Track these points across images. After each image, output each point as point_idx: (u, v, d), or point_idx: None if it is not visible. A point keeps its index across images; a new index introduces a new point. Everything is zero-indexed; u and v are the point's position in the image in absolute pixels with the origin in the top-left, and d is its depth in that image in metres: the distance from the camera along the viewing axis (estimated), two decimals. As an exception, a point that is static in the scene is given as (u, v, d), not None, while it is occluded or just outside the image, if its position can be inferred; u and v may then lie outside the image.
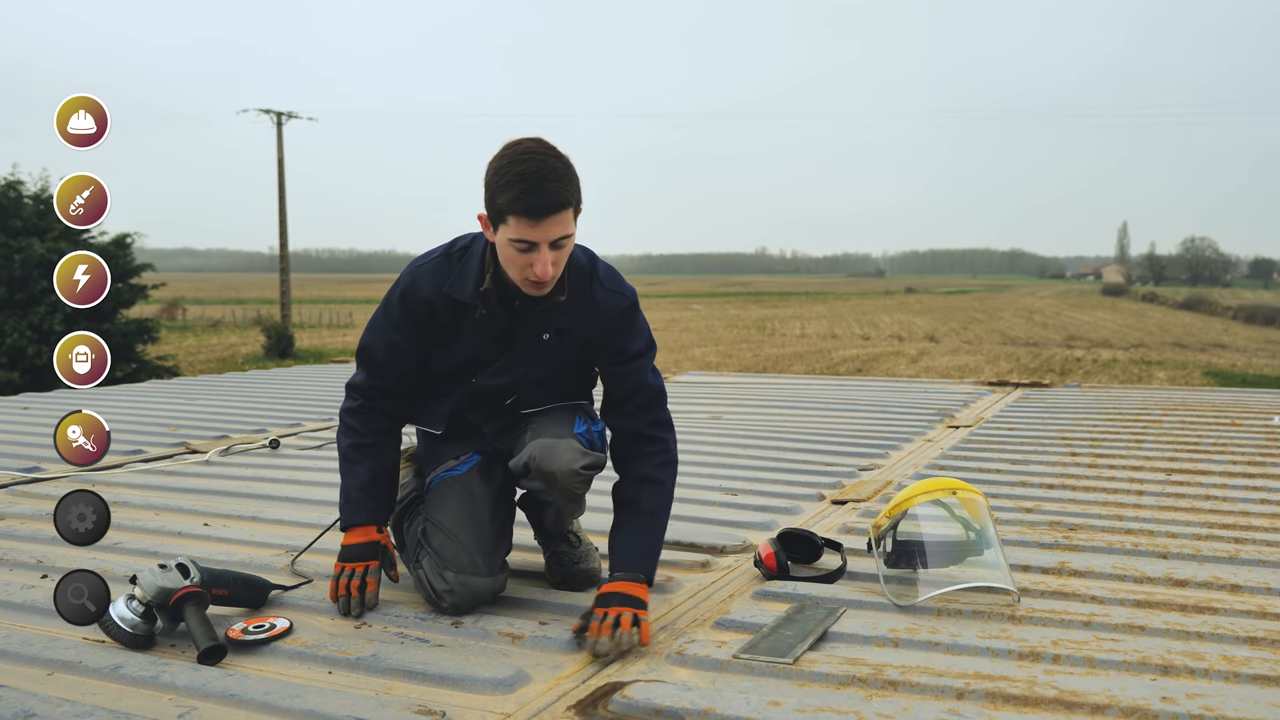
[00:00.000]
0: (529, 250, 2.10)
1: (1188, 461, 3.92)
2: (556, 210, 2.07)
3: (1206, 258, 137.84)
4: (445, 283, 2.27)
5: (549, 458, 2.25)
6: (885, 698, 1.83)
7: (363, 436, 2.40)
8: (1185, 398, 5.96)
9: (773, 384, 7.04)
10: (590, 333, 2.31)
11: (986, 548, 2.34)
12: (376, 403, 2.40)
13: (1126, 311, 59.22)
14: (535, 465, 2.26)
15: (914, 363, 29.29)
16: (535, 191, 2.04)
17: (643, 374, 2.36)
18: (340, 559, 2.31)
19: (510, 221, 2.08)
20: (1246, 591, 2.39)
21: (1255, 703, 1.77)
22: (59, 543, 2.08)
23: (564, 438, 2.28)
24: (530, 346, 2.31)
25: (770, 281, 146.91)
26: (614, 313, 2.31)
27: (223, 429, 4.80)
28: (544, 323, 2.28)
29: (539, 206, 2.05)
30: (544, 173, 2.06)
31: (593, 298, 2.28)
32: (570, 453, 2.25)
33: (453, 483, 2.35)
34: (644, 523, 2.30)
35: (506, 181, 2.06)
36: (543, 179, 2.05)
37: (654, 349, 2.39)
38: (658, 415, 2.37)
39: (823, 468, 3.88)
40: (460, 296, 2.26)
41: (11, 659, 2.02)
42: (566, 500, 2.35)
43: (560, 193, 2.07)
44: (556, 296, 2.24)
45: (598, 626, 2.07)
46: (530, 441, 2.30)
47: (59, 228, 19.16)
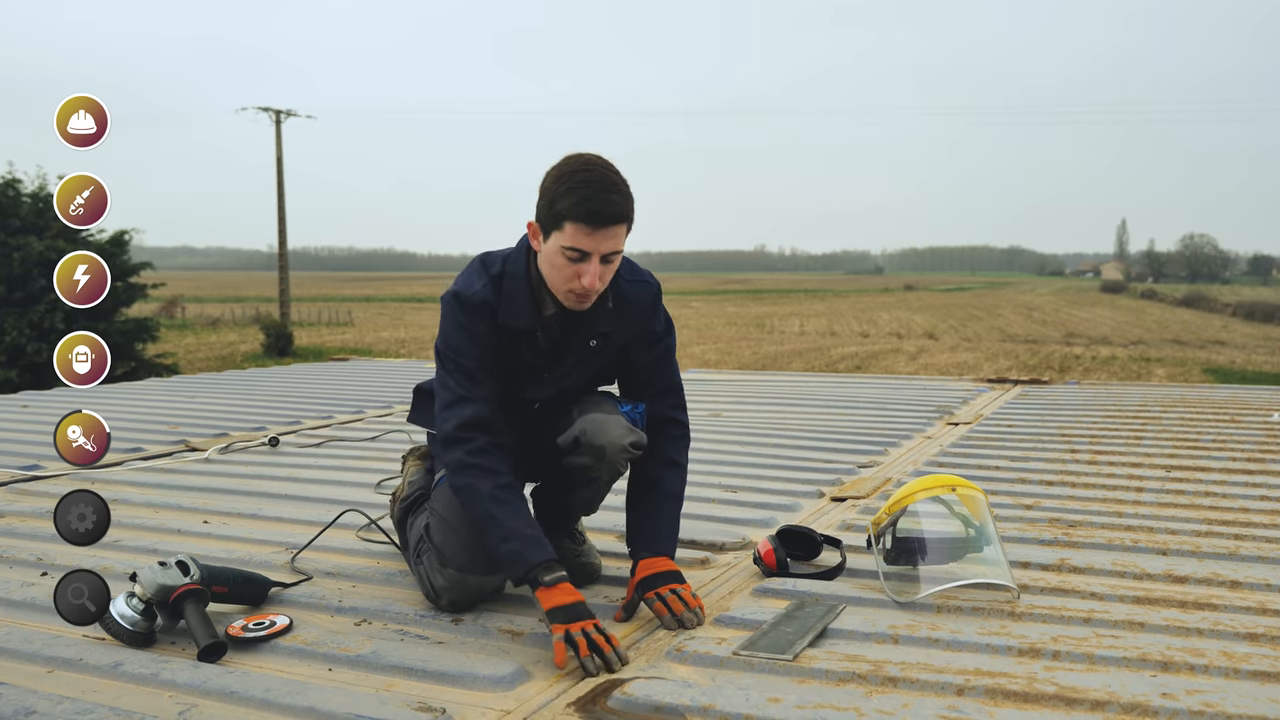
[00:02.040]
0: (580, 260, 2.11)
1: (1187, 458, 3.92)
2: (615, 222, 2.10)
3: (1205, 254, 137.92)
4: (498, 313, 2.23)
5: (600, 432, 2.26)
6: (885, 694, 1.83)
7: (503, 475, 2.17)
8: (1184, 394, 5.97)
9: (772, 381, 7.04)
10: (629, 332, 2.36)
11: (986, 544, 2.35)
12: (494, 432, 2.22)
13: (1125, 308, 59.25)
14: (586, 440, 2.27)
15: (913, 360, 29.29)
16: (597, 199, 2.07)
17: (667, 357, 2.44)
18: (557, 620, 2.01)
19: (567, 228, 2.09)
20: (1246, 588, 2.39)
21: (1255, 699, 1.77)
22: (59, 541, 2.09)
23: (613, 414, 2.31)
24: (579, 356, 2.34)
25: (769, 279, 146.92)
26: (645, 304, 2.36)
27: (222, 427, 4.80)
28: (590, 331, 2.31)
29: (599, 215, 2.07)
30: (607, 184, 2.09)
31: (623, 295, 2.32)
32: (620, 429, 2.28)
33: None
34: (670, 504, 2.38)
35: (569, 188, 2.08)
36: (605, 189, 2.09)
37: (673, 330, 2.46)
38: (679, 399, 2.45)
39: (822, 465, 3.88)
40: (515, 325, 2.23)
41: (12, 656, 2.02)
42: (609, 478, 2.37)
43: (620, 205, 2.10)
44: (604, 304, 2.28)
45: (664, 607, 2.18)
46: (579, 418, 2.31)
47: (57, 226, 19.16)
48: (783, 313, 55.26)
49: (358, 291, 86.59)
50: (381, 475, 3.63)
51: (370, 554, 2.69)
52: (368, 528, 2.84)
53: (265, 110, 34.21)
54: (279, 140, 34.33)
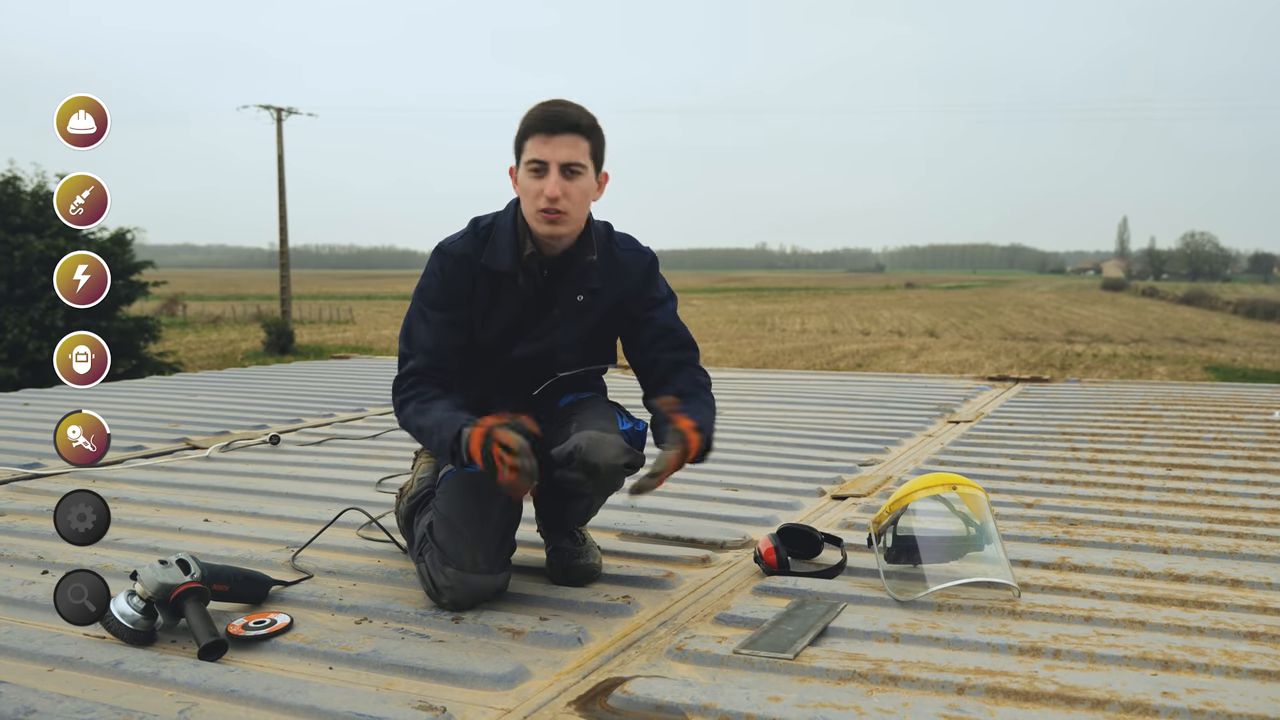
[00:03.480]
0: (542, 172, 2.24)
1: (1188, 456, 3.92)
2: (569, 129, 2.24)
3: (1206, 253, 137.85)
4: (479, 256, 2.34)
5: (595, 450, 2.25)
6: (886, 693, 1.83)
7: (427, 393, 2.33)
8: (1185, 393, 5.96)
9: (773, 379, 7.04)
10: (618, 290, 2.42)
11: (987, 543, 2.34)
12: (429, 376, 2.36)
13: (1126, 306, 59.21)
14: (580, 456, 2.26)
15: (914, 358, 29.29)
16: (551, 110, 2.26)
17: (671, 317, 2.49)
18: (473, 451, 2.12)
19: (527, 145, 2.25)
20: (1247, 586, 2.39)
21: (1256, 698, 1.77)
22: (59, 539, 2.08)
23: (610, 432, 2.30)
24: (565, 310, 2.38)
25: (770, 277, 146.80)
26: (639, 269, 2.45)
27: (223, 425, 4.80)
28: (577, 284, 2.36)
29: (551, 120, 2.23)
30: (563, 103, 2.28)
31: (616, 258, 2.41)
32: (615, 448, 2.26)
33: (465, 478, 2.34)
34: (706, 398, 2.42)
35: (529, 112, 2.27)
36: (561, 104, 2.27)
37: (675, 298, 2.52)
38: (693, 355, 2.49)
39: (823, 463, 3.88)
40: (498, 267, 2.33)
41: (12, 655, 2.02)
42: (600, 494, 2.39)
43: (575, 115, 2.25)
44: (587, 255, 2.35)
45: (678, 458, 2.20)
46: (576, 433, 2.30)
47: (57, 224, 19.16)
48: (784, 311, 55.25)
49: (359, 289, 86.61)
50: (382, 473, 3.63)
51: (371, 552, 2.69)
52: (368, 526, 2.84)
53: (266, 108, 34.21)
54: (280, 138, 34.34)
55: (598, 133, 2.30)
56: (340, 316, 48.30)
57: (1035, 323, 45.69)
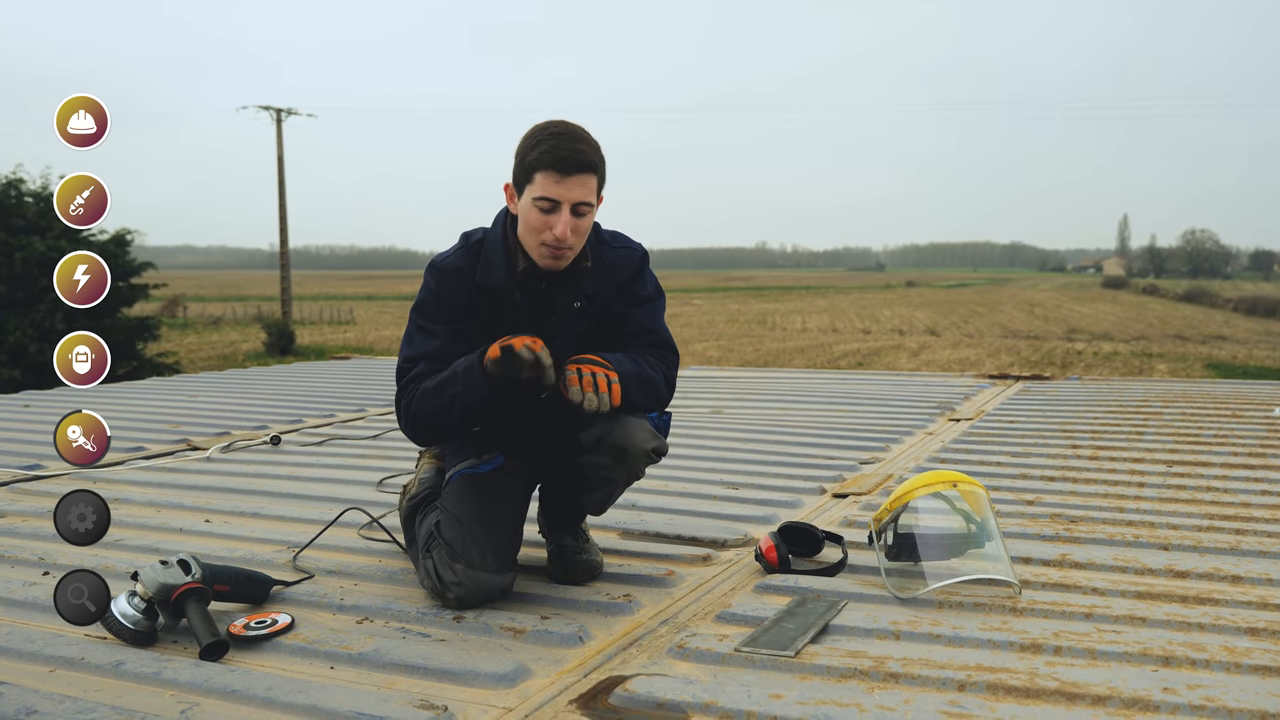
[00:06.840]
0: (551, 211, 2.19)
1: (1189, 453, 3.92)
2: (583, 170, 2.19)
3: (1207, 250, 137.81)
4: (473, 271, 2.32)
5: (624, 433, 2.26)
6: (887, 690, 1.83)
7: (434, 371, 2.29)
8: (1186, 390, 5.97)
9: (774, 378, 7.04)
10: (610, 294, 2.39)
11: (987, 540, 2.35)
12: (432, 370, 2.31)
13: (1127, 304, 59.22)
14: (610, 439, 2.27)
15: (915, 356, 29.29)
16: (565, 148, 2.18)
17: (653, 318, 2.44)
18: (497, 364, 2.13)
19: (538, 179, 2.18)
20: (1247, 583, 2.39)
21: (1256, 693, 1.77)
22: (60, 540, 2.08)
23: (638, 416, 2.31)
24: (564, 317, 2.36)
25: (771, 276, 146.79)
26: (629, 268, 2.41)
27: (224, 426, 4.81)
28: (574, 291, 2.35)
29: (566, 161, 2.17)
30: (575, 136, 2.21)
31: (605, 262, 2.38)
32: (644, 432, 2.28)
33: (474, 479, 2.34)
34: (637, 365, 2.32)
35: (539, 140, 2.20)
36: (574, 140, 2.20)
37: (663, 296, 2.48)
38: (664, 356, 2.42)
39: (824, 461, 3.88)
40: (492, 284, 2.30)
41: (13, 656, 2.03)
42: (625, 481, 2.37)
43: (588, 154, 2.20)
44: (583, 263, 2.32)
45: (576, 379, 2.16)
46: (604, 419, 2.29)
47: (59, 226, 19.17)
48: (784, 309, 55.26)
49: (359, 290, 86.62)
50: (383, 474, 3.63)
51: (372, 552, 2.69)
52: (369, 526, 2.85)
53: (266, 109, 34.20)
54: (280, 139, 34.33)
55: (604, 164, 2.27)
56: (341, 317, 48.32)
57: (1036, 321, 45.69)
